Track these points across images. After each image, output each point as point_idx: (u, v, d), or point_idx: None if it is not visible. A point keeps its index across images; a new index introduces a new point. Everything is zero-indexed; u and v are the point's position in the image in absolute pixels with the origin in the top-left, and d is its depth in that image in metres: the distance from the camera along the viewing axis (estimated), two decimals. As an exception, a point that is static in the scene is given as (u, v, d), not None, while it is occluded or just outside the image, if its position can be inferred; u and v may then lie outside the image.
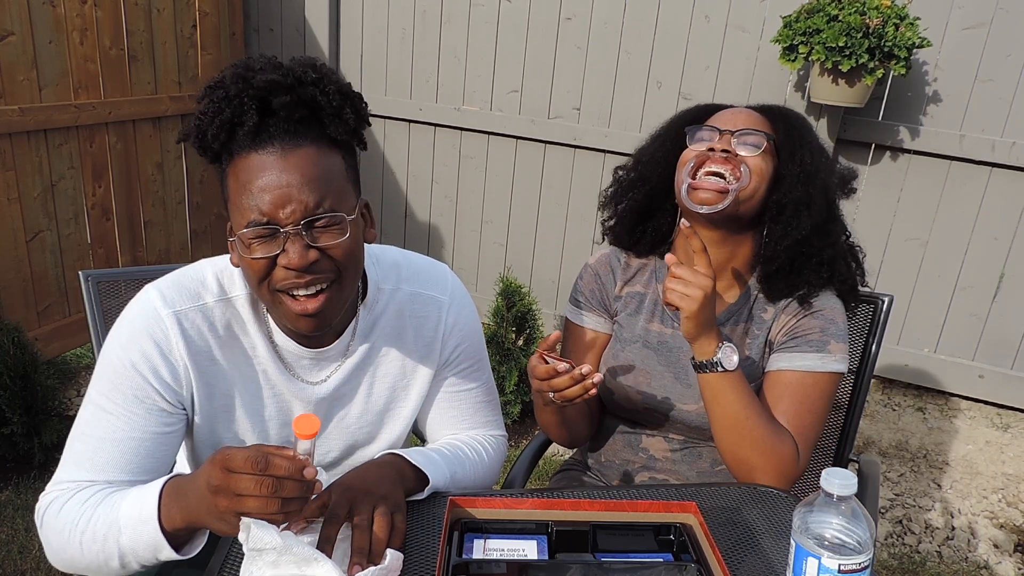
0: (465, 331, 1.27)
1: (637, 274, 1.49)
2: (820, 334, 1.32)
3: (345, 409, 1.21)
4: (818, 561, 0.86)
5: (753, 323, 1.39)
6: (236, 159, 0.98)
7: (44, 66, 2.81)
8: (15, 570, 2.12)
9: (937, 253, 3.13)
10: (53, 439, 2.52)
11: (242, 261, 1.01)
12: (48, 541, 1.04)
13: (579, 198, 3.53)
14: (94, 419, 1.05)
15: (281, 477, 0.83)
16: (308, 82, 0.98)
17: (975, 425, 3.14)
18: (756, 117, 1.37)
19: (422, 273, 1.24)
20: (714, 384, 1.26)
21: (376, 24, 3.65)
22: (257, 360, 1.13)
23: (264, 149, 0.96)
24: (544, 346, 1.21)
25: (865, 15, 2.58)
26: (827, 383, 1.31)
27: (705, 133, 1.35)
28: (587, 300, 1.50)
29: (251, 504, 0.84)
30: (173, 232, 3.56)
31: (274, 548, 0.87)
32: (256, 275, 1.00)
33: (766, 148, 1.33)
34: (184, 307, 1.07)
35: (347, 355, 1.18)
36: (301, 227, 0.97)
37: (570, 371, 1.17)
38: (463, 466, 1.21)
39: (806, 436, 1.29)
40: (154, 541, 0.95)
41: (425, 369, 1.24)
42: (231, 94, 0.96)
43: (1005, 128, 2.90)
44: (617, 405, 1.46)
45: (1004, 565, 2.43)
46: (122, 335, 1.06)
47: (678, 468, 1.43)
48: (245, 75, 0.97)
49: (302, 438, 0.88)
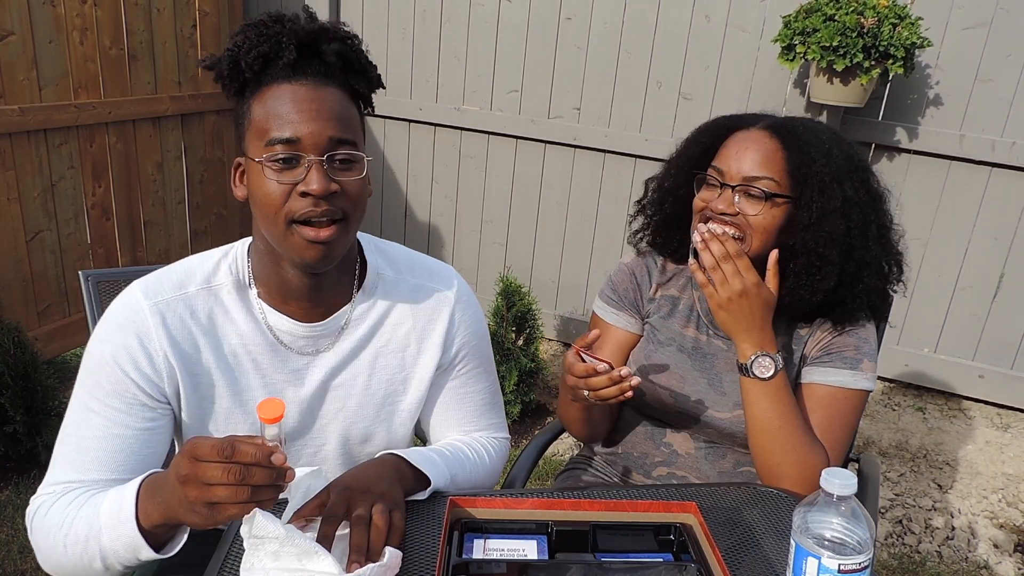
0: (471, 331, 1.27)
1: (673, 278, 1.48)
2: (855, 351, 1.33)
3: (343, 400, 1.19)
4: (818, 561, 0.86)
5: (788, 337, 1.39)
6: (265, 88, 1.03)
7: (44, 66, 2.81)
8: (15, 570, 2.12)
9: (937, 253, 3.13)
10: (53, 439, 2.51)
11: (258, 189, 1.03)
12: (37, 545, 1.03)
13: (579, 198, 3.53)
14: (78, 419, 1.05)
15: (248, 464, 0.81)
16: (342, 37, 1.06)
17: (975, 425, 3.14)
18: (768, 149, 1.28)
19: (429, 269, 1.25)
20: (748, 388, 1.27)
21: (376, 24, 3.65)
22: (245, 347, 1.13)
23: (297, 81, 1.02)
24: (583, 343, 1.21)
25: (862, 15, 2.58)
26: (857, 400, 1.33)
27: (710, 182, 1.31)
28: (620, 299, 1.49)
29: (220, 493, 0.82)
30: (173, 232, 3.55)
31: (276, 538, 0.86)
32: (273, 203, 1.02)
33: (773, 199, 1.26)
34: (165, 296, 1.08)
35: (345, 333, 1.17)
36: (324, 158, 1.01)
37: (609, 372, 1.17)
38: (463, 467, 1.21)
39: (835, 450, 1.30)
40: (133, 541, 0.94)
41: (426, 362, 1.23)
42: (271, 32, 1.02)
43: (1005, 128, 2.90)
44: (647, 405, 1.45)
45: (1004, 565, 2.43)
46: (103, 331, 1.07)
47: (700, 466, 1.43)
48: (281, 18, 1.03)
49: (267, 422, 0.86)
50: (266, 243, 1.09)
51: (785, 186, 1.27)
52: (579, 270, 3.62)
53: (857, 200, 1.28)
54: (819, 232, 1.25)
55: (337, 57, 1.04)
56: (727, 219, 1.27)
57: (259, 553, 0.87)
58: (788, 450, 1.25)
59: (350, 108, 1.06)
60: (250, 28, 1.03)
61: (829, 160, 1.26)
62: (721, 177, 1.29)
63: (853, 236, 1.27)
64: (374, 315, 1.19)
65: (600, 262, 3.57)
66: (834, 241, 1.26)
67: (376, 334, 1.20)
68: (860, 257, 1.28)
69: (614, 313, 1.49)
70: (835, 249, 1.26)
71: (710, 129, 1.39)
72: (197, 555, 1.22)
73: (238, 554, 0.93)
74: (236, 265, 1.14)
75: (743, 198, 1.27)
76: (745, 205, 1.27)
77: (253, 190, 1.05)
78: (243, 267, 1.14)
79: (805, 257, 1.27)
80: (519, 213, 3.66)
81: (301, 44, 1.02)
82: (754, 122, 1.33)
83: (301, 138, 1.00)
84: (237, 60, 1.02)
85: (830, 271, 1.27)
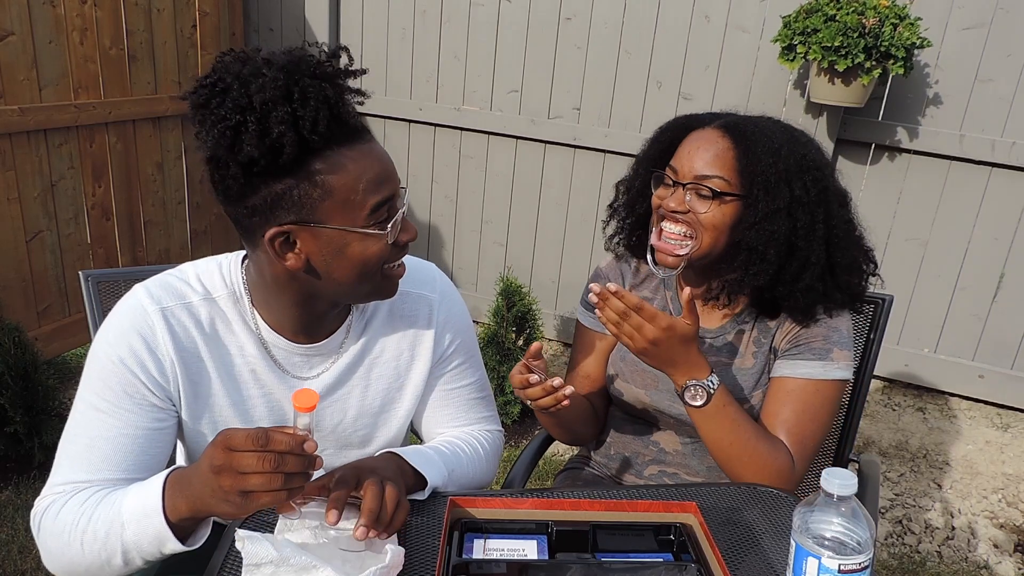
0: (457, 327, 1.28)
1: (646, 280, 1.50)
2: (823, 341, 1.33)
3: (341, 412, 1.21)
4: (818, 561, 0.86)
5: (759, 331, 1.39)
6: (326, 155, 0.98)
7: (44, 66, 2.81)
8: (15, 570, 2.12)
9: (937, 253, 3.13)
10: (53, 439, 2.51)
11: (362, 253, 1.03)
12: (46, 546, 1.03)
13: (579, 198, 3.53)
14: (85, 419, 1.05)
15: (282, 452, 0.84)
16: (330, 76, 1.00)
17: (975, 425, 3.14)
18: (719, 148, 1.29)
19: (411, 272, 1.24)
20: (691, 414, 1.29)
21: (376, 24, 3.65)
22: (245, 359, 1.14)
23: (352, 145, 1.01)
24: (529, 355, 1.23)
25: (863, 15, 2.58)
26: (830, 390, 1.32)
27: (665, 181, 1.34)
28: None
29: (255, 481, 0.84)
30: (173, 232, 3.55)
31: (271, 561, 0.87)
32: (378, 263, 1.06)
33: (721, 197, 1.28)
34: (170, 304, 1.09)
35: (340, 353, 1.19)
36: (406, 205, 1.09)
37: (541, 383, 1.20)
38: (460, 463, 1.22)
39: (805, 445, 1.30)
40: (159, 534, 0.94)
41: (419, 367, 1.25)
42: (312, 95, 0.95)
43: (1005, 128, 2.90)
44: (628, 406, 1.48)
45: (1004, 565, 2.43)
46: (110, 333, 1.07)
47: (688, 462, 1.44)
48: (293, 68, 0.96)
49: (301, 411, 0.87)
50: (285, 286, 1.08)
51: (735, 184, 1.28)
52: (579, 270, 3.62)
53: (805, 200, 1.28)
54: (762, 230, 1.26)
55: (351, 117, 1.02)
56: (678, 217, 1.29)
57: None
58: (746, 462, 1.26)
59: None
60: (260, 108, 0.94)
61: (777, 160, 1.26)
62: (675, 175, 1.31)
63: (798, 236, 1.28)
64: (369, 329, 1.21)
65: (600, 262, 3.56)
66: (775, 240, 1.26)
67: (370, 348, 1.21)
68: (804, 257, 1.29)
69: (592, 318, 1.50)
70: (775, 248, 1.27)
71: (670, 128, 1.40)
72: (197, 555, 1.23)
73: (238, 554, 0.93)
74: (230, 277, 1.14)
75: (693, 196, 1.29)
76: (695, 203, 1.29)
77: (352, 255, 1.03)
78: (237, 280, 1.14)
79: (746, 253, 1.28)
80: (519, 213, 3.66)
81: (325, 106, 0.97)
82: (710, 121, 1.35)
83: (397, 194, 1.06)
84: (279, 151, 0.94)
85: (763, 268, 1.28)
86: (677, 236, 1.30)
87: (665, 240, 1.31)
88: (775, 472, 1.26)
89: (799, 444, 1.29)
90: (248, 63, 0.96)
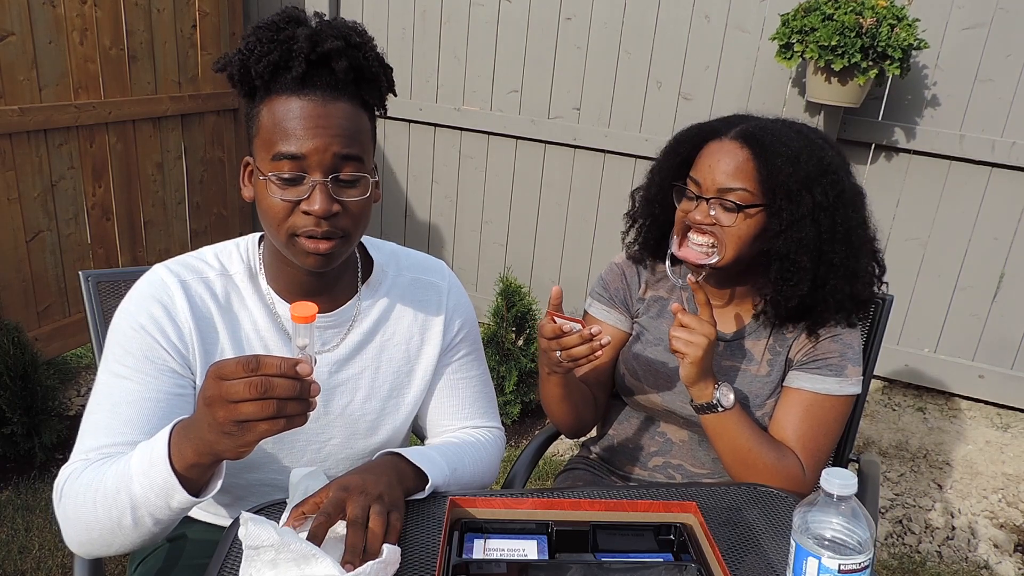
0: (465, 316, 1.32)
1: (663, 279, 1.51)
2: (839, 358, 1.35)
3: (351, 392, 1.21)
4: (818, 561, 0.86)
5: (775, 339, 1.41)
6: (275, 97, 1.03)
7: (44, 66, 2.81)
8: (15, 570, 2.12)
9: (937, 253, 3.13)
10: (53, 439, 2.52)
11: (263, 200, 1.05)
12: (65, 513, 1.00)
13: (579, 198, 3.53)
14: (108, 387, 1.07)
15: (273, 375, 0.81)
16: (355, 45, 1.05)
17: (975, 425, 3.14)
18: (739, 159, 1.29)
19: (420, 262, 1.30)
20: (715, 423, 1.30)
21: (376, 24, 3.65)
22: (257, 332, 1.16)
23: (306, 96, 1.02)
24: (552, 303, 1.23)
25: (860, 15, 2.58)
26: (842, 405, 1.36)
27: (688, 193, 1.34)
28: (611, 296, 1.52)
29: (247, 409, 0.80)
30: (173, 232, 3.55)
31: (271, 545, 0.86)
32: (276, 216, 1.04)
33: (745, 210, 1.29)
34: (188, 278, 1.13)
35: (351, 329, 1.20)
36: (329, 180, 1.02)
37: (579, 331, 1.19)
38: (462, 462, 1.21)
39: (817, 457, 1.33)
40: (166, 483, 0.91)
41: (429, 352, 1.27)
42: (282, 38, 1.02)
43: (1005, 128, 2.90)
44: (637, 403, 1.49)
45: (1004, 565, 2.43)
46: (130, 303, 1.11)
47: (695, 453, 1.46)
48: (295, 19, 1.03)
49: (299, 321, 0.85)
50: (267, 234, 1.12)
51: (758, 195, 1.29)
52: (579, 270, 3.62)
53: (826, 205, 1.29)
54: (790, 238, 1.27)
55: (348, 71, 1.04)
56: (705, 228, 1.31)
57: (256, 563, 0.86)
58: (762, 469, 1.29)
59: (360, 121, 1.06)
60: (262, 31, 1.03)
61: (797, 167, 1.27)
62: (697, 189, 1.32)
63: (823, 240, 1.29)
64: (378, 310, 1.23)
65: (600, 262, 3.57)
66: (805, 246, 1.27)
67: (381, 329, 1.23)
68: (828, 260, 1.30)
69: (606, 310, 1.51)
70: (807, 254, 1.28)
71: (686, 139, 1.40)
72: (197, 556, 1.23)
73: (238, 554, 0.93)
74: (248, 255, 1.18)
75: (718, 210, 1.30)
76: (720, 216, 1.30)
77: (259, 199, 1.07)
78: (254, 256, 1.18)
79: (779, 263, 1.29)
80: (519, 213, 3.66)
81: (313, 53, 1.01)
82: (726, 130, 1.34)
83: (306, 155, 1.01)
84: (247, 66, 1.02)
85: (803, 276, 1.29)
86: (703, 246, 1.31)
87: (691, 248, 1.32)
88: (789, 478, 1.29)
89: (813, 456, 1.32)
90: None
